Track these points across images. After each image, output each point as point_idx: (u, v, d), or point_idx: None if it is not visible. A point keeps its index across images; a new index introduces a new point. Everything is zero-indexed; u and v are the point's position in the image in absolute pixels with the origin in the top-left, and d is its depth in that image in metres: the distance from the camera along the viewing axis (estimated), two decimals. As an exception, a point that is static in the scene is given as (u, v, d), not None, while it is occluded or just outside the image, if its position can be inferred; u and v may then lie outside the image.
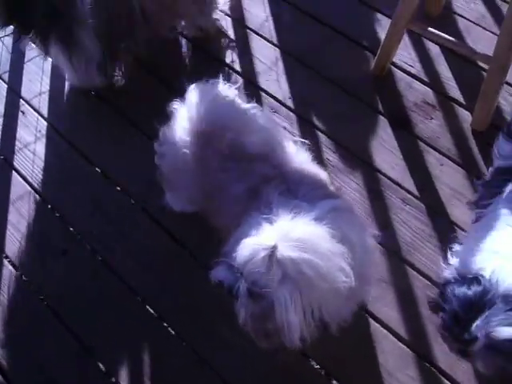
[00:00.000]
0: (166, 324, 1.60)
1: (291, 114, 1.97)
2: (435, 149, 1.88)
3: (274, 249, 1.08)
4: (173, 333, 1.59)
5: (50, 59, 2.06)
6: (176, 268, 1.69)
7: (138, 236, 1.76)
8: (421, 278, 1.63)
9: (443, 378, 1.48)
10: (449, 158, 1.86)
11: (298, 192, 1.28)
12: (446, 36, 1.82)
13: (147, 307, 1.63)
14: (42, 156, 1.96)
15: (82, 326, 1.62)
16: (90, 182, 1.90)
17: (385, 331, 1.55)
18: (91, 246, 1.75)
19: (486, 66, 1.85)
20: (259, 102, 2.00)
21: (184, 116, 1.47)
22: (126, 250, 1.73)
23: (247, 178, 1.33)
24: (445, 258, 1.43)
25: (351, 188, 1.80)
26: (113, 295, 1.66)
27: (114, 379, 1.54)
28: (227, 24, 2.21)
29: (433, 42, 2.08)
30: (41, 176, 1.92)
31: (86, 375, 1.55)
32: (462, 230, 1.71)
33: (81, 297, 1.67)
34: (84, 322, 1.62)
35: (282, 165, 1.37)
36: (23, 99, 2.12)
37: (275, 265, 1.09)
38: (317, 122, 1.95)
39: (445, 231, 1.71)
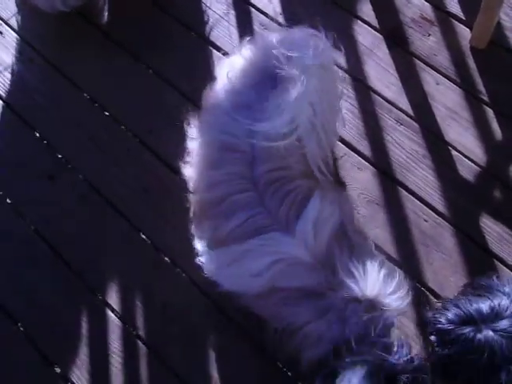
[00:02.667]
0: (157, 250, 1.59)
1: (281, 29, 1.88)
2: (432, 67, 1.80)
3: None
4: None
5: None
6: (170, 195, 1.66)
7: (128, 163, 1.72)
8: (413, 199, 1.61)
9: (433, 298, 1.49)
10: (446, 76, 1.79)
11: None
12: None
13: (140, 234, 1.62)
14: (24, 79, 1.88)
15: (69, 250, 1.61)
16: (78, 108, 1.83)
17: (376, 252, 1.54)
18: (79, 172, 1.72)
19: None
20: (249, 18, 1.91)
21: None
22: (116, 178, 1.70)
23: None
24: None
25: (344, 107, 1.73)
26: (101, 219, 1.64)
27: (100, 296, 1.55)
28: None
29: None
30: (25, 100, 1.85)
31: (72, 294, 1.56)
32: (457, 150, 1.67)
33: (68, 221, 1.65)
34: (71, 247, 1.61)
35: None
36: (0, 19, 2.01)
37: None
38: (309, 39, 1.86)
39: (439, 152, 1.68)
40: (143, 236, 1.61)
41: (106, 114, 1.80)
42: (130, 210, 1.65)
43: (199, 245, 1.38)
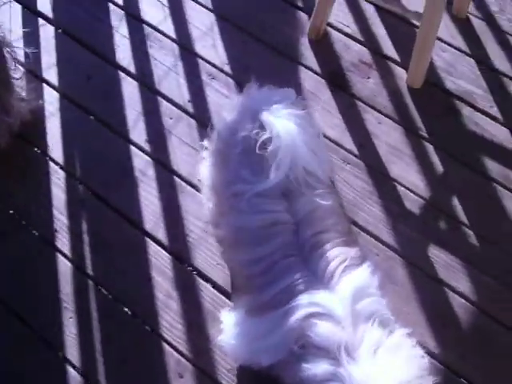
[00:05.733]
0: (116, 301, 1.61)
1: (229, 79, 1.95)
2: (373, 107, 1.91)
3: None
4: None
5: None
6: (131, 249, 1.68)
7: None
8: (364, 234, 1.68)
9: (389, 329, 1.53)
10: (386, 115, 1.89)
11: None
12: (378, -6, 1.83)
13: (99, 287, 1.62)
14: None
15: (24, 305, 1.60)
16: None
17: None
18: (34, 228, 1.72)
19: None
20: (196, 69, 1.98)
21: None
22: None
23: None
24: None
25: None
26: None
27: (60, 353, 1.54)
28: (160, -10, 2.17)
29: (366, 0, 2.09)
30: None
31: (31, 352, 1.54)
32: (401, 185, 1.76)
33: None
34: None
35: None
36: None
37: None
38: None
39: (385, 188, 1.76)
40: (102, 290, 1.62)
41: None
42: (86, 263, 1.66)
43: (228, 317, 1.33)
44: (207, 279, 1.61)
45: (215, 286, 1.60)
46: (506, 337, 1.54)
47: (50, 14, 2.11)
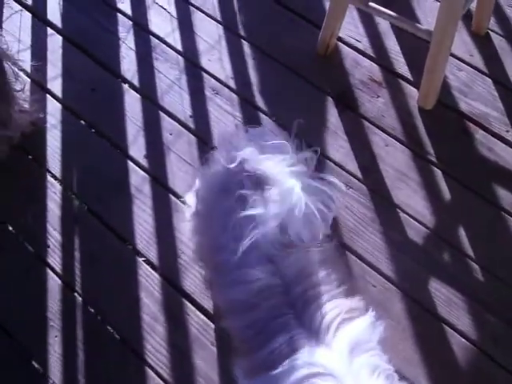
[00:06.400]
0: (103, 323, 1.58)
1: (233, 95, 1.90)
2: (381, 128, 1.82)
3: None
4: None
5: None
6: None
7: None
8: (361, 263, 1.60)
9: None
10: (394, 137, 1.81)
11: None
12: (388, 11, 1.74)
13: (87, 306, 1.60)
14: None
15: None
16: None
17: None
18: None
19: (432, 41, 1.79)
20: (201, 83, 1.93)
21: None
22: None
23: None
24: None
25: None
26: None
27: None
28: (169, 0, 2.12)
29: (376, 16, 2.01)
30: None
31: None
32: (405, 212, 1.67)
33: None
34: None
35: None
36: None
37: None
38: (259, 104, 1.88)
39: (387, 215, 1.68)
40: (90, 309, 1.60)
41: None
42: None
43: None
44: (195, 304, 1.56)
45: (203, 311, 1.56)
46: (507, 382, 1.45)
47: (59, 24, 2.10)
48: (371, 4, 1.75)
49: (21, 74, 1.89)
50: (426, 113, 1.84)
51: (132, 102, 1.91)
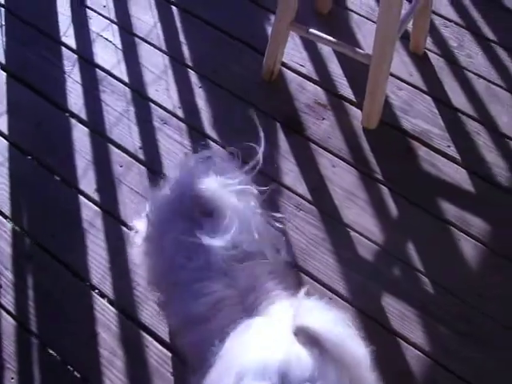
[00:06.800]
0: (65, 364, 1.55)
1: (181, 124, 1.92)
2: (327, 150, 1.87)
3: None
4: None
5: None
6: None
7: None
8: (314, 282, 1.63)
9: None
10: (341, 158, 1.86)
11: None
12: (327, 36, 1.80)
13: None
14: None
15: None
16: None
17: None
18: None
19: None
20: (149, 114, 1.95)
21: None
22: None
23: None
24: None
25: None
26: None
27: None
28: (113, 32, 2.14)
29: (317, 42, 2.06)
30: None
31: None
32: (355, 231, 1.72)
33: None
34: None
35: None
36: None
37: None
38: (208, 132, 1.91)
39: (338, 234, 1.72)
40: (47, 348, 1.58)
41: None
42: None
43: None
44: (153, 335, 1.56)
45: (161, 341, 1.56)
46: (462, 390, 1.50)
47: (2, 59, 2.09)
48: (311, 30, 1.80)
49: (-36, 113, 1.87)
50: (370, 132, 1.90)
51: (80, 136, 1.91)
